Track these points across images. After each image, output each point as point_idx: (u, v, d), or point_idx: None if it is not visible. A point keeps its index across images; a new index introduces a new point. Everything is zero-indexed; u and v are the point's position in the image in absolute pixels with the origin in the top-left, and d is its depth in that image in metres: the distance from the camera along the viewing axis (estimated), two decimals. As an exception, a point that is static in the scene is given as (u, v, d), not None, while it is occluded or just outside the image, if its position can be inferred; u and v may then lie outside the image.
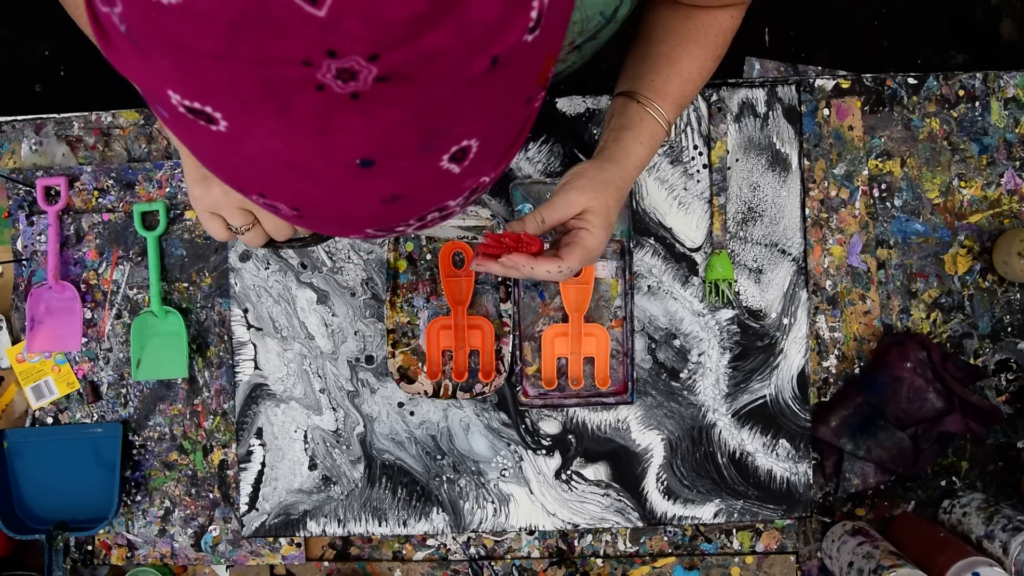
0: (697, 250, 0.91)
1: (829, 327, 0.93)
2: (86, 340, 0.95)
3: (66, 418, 0.96)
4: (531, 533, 0.94)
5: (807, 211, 0.92)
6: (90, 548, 0.96)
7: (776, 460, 0.91)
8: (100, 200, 0.95)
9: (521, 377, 0.91)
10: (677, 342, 0.91)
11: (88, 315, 0.95)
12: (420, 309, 0.92)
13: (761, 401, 0.91)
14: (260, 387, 0.93)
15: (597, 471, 0.92)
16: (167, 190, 0.95)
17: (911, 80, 0.93)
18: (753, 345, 0.91)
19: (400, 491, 0.92)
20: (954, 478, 0.92)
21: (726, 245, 0.91)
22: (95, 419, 0.95)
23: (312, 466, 0.93)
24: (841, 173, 0.93)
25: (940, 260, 0.93)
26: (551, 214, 0.67)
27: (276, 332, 0.93)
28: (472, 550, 0.94)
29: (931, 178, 0.93)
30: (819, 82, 0.93)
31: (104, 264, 0.96)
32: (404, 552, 0.95)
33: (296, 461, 0.93)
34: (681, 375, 0.91)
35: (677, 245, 0.91)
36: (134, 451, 0.95)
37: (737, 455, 0.91)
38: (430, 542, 0.95)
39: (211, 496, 0.95)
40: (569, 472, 0.92)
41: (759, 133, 0.92)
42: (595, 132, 0.92)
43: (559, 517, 0.92)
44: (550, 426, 0.92)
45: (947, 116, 0.93)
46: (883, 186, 0.93)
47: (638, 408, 0.91)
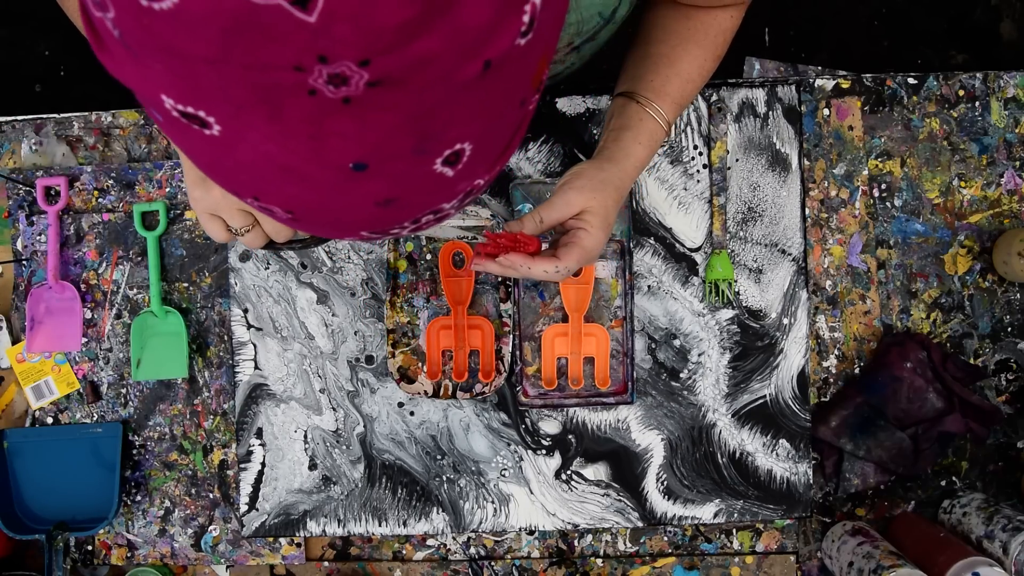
0: (697, 250, 0.91)
1: (829, 327, 0.93)
2: (86, 340, 0.95)
3: (66, 418, 0.96)
4: (531, 533, 0.94)
5: (807, 211, 0.92)
6: (90, 548, 0.96)
7: (776, 460, 0.91)
8: (100, 200, 0.96)
9: (521, 377, 0.91)
10: (677, 342, 0.91)
11: (88, 315, 0.95)
12: (420, 309, 0.92)
13: (761, 401, 0.91)
14: (260, 387, 0.93)
15: (597, 471, 0.92)
16: (167, 190, 0.95)
17: (911, 80, 0.93)
18: (753, 345, 0.91)
19: (400, 491, 0.92)
20: (954, 478, 0.92)
21: (726, 245, 0.91)
22: (95, 419, 0.95)
23: (312, 466, 0.93)
24: (841, 173, 0.93)
25: (940, 260, 0.92)
26: (549, 214, 0.67)
27: (276, 332, 0.93)
28: (472, 550, 0.94)
29: (931, 178, 0.93)
30: (819, 82, 0.93)
31: (104, 264, 0.96)
32: (404, 552, 0.95)
33: (296, 461, 0.93)
34: (681, 375, 0.91)
35: (677, 245, 0.91)
36: (134, 451, 0.95)
37: (737, 455, 0.91)
38: (430, 542, 0.95)
39: (211, 496, 0.95)
40: (569, 472, 0.92)
41: (759, 133, 0.91)
42: (595, 132, 0.92)
43: (559, 517, 0.92)
44: (550, 426, 0.92)
45: (947, 116, 0.93)
46: (883, 186, 0.93)
47: (638, 408, 0.91)
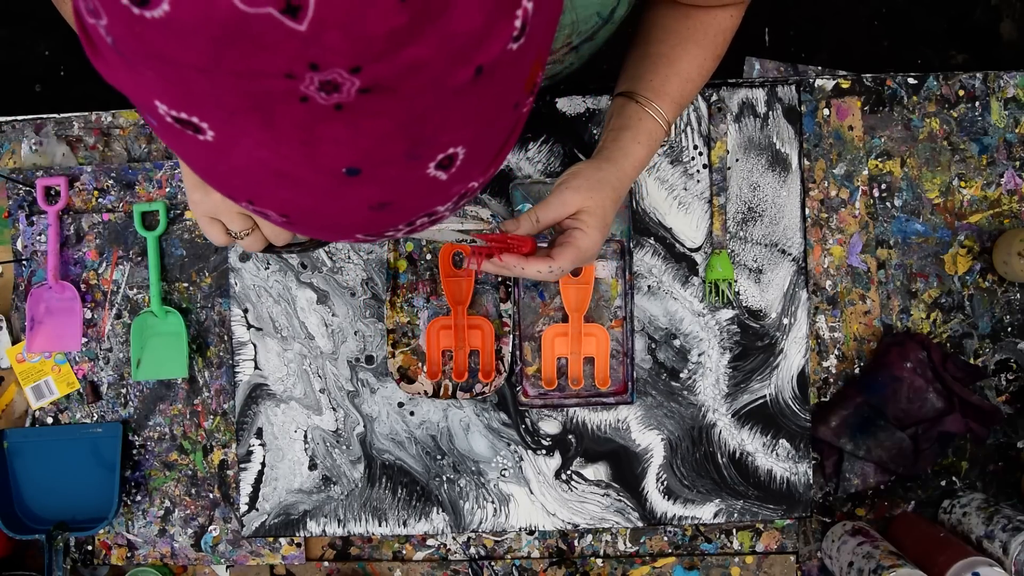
0: (697, 250, 0.91)
1: (829, 327, 0.93)
2: (86, 340, 0.95)
3: (66, 418, 0.96)
4: (531, 533, 0.94)
5: (807, 211, 0.92)
6: (90, 548, 0.96)
7: (776, 460, 0.91)
8: (100, 200, 0.96)
9: (521, 377, 0.91)
10: (677, 342, 0.91)
11: (88, 315, 0.95)
12: (420, 309, 0.92)
13: (761, 401, 0.91)
14: (260, 387, 0.93)
15: (597, 471, 0.92)
16: (167, 190, 0.95)
17: (911, 80, 0.93)
18: (753, 345, 0.91)
19: (400, 491, 0.92)
20: (954, 478, 0.92)
21: (726, 245, 0.91)
22: (95, 419, 0.95)
23: (312, 466, 0.93)
24: (841, 173, 0.92)
25: (940, 260, 0.92)
26: (546, 213, 0.67)
27: (276, 332, 0.93)
28: (472, 550, 0.94)
29: (931, 178, 0.93)
30: (819, 82, 0.93)
31: (104, 264, 0.96)
32: (404, 552, 0.95)
33: (296, 461, 0.93)
34: (681, 375, 0.91)
35: (677, 245, 0.91)
36: (134, 451, 0.95)
37: (737, 455, 0.91)
38: (430, 542, 0.95)
39: (211, 496, 0.95)
40: (569, 472, 0.92)
41: (759, 133, 0.91)
42: (595, 132, 0.92)
43: (559, 517, 0.92)
44: (550, 426, 0.92)
45: (947, 116, 0.93)
46: (883, 186, 0.93)
47: (638, 408, 0.91)
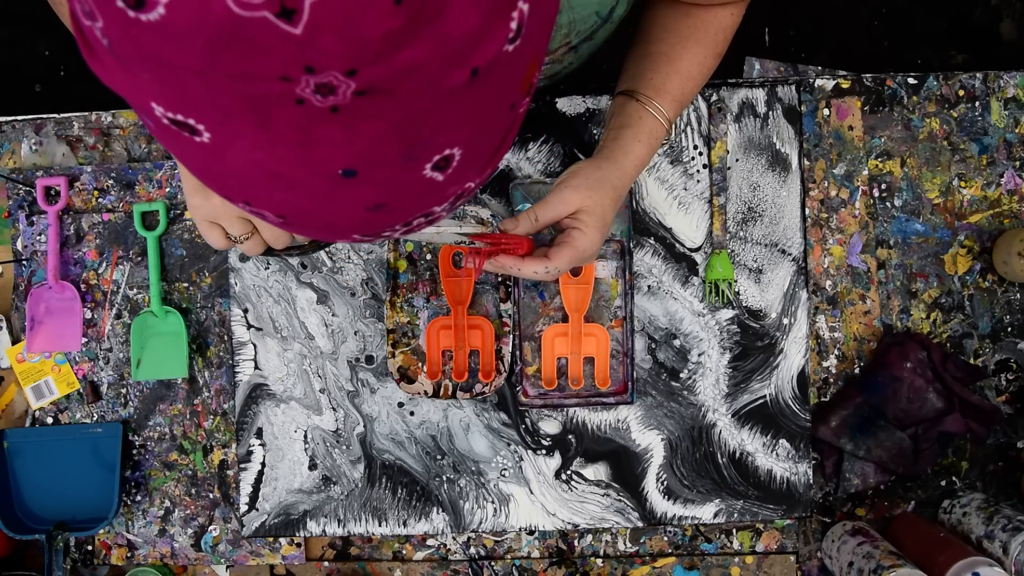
0: (697, 250, 0.91)
1: (829, 327, 0.93)
2: (86, 340, 0.95)
3: (66, 418, 0.96)
4: (531, 533, 0.94)
5: (807, 211, 0.92)
6: (90, 548, 0.96)
7: (776, 460, 0.91)
8: (100, 200, 0.96)
9: (521, 377, 0.91)
10: (677, 342, 0.91)
11: (88, 315, 0.95)
12: (420, 309, 0.92)
13: (761, 401, 0.91)
14: (260, 387, 0.93)
15: (597, 471, 0.92)
16: (167, 190, 0.95)
17: (911, 80, 0.93)
18: (753, 345, 0.91)
19: (400, 491, 0.92)
20: (954, 478, 0.92)
21: (726, 245, 0.91)
22: (95, 419, 0.95)
23: (312, 466, 0.93)
24: (841, 173, 0.92)
25: (940, 260, 0.92)
26: (545, 212, 0.67)
27: (276, 332, 0.93)
28: (472, 550, 0.94)
29: (931, 178, 0.93)
30: (819, 82, 0.93)
31: (104, 264, 0.96)
32: (404, 552, 0.95)
33: (296, 461, 0.93)
34: (681, 375, 0.91)
35: (677, 245, 0.91)
36: (134, 451, 0.95)
37: (737, 455, 0.91)
38: (430, 542, 0.95)
39: (211, 496, 0.95)
40: (569, 472, 0.92)
41: (759, 133, 0.91)
42: (595, 132, 0.92)
43: (559, 517, 0.92)
44: (550, 426, 0.92)
45: (947, 116, 0.93)
46: (883, 186, 0.93)
47: (638, 408, 0.91)
